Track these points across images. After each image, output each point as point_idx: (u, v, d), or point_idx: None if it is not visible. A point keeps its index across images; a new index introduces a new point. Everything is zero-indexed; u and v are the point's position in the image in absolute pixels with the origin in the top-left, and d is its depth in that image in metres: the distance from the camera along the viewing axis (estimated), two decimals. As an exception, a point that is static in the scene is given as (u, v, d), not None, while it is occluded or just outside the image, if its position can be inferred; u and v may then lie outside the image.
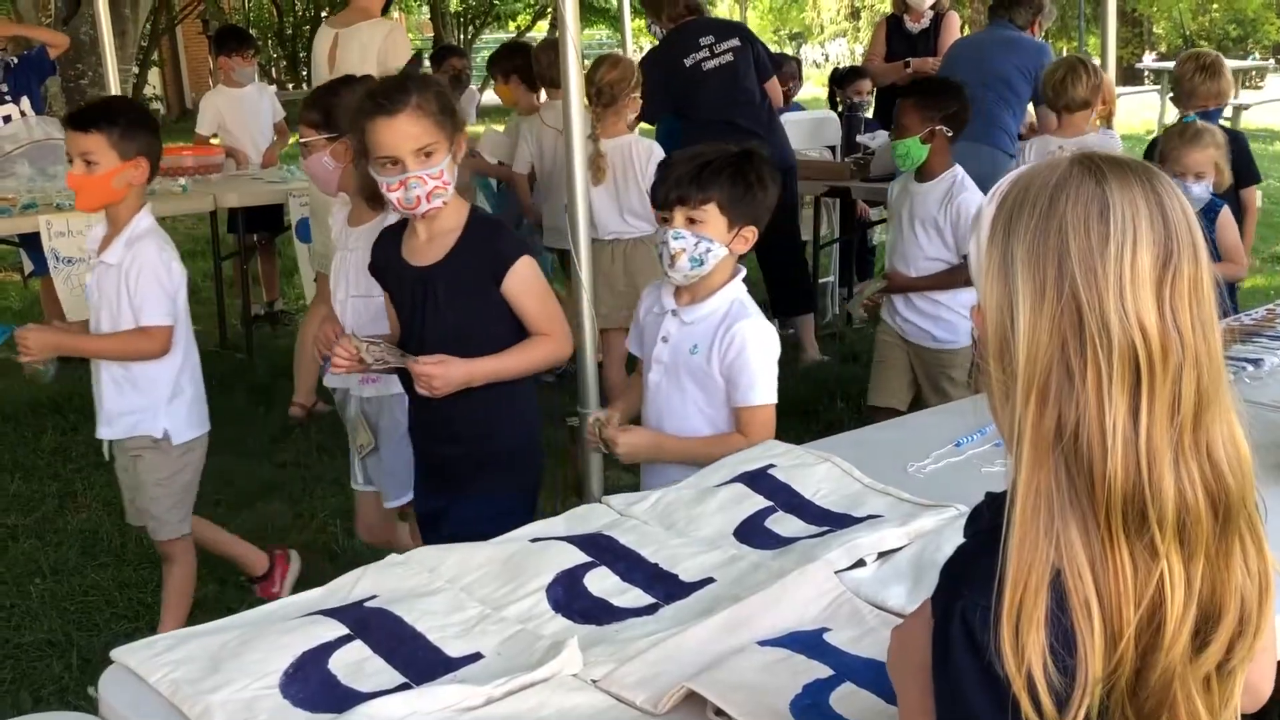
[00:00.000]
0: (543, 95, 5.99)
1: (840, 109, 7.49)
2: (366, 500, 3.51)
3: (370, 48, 4.94)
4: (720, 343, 2.60)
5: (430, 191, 2.58)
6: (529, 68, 6.15)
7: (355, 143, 2.86)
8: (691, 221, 2.56)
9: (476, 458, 2.78)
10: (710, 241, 2.56)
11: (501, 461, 2.80)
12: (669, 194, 2.59)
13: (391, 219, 3.06)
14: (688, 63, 5.93)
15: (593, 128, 4.91)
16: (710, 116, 5.93)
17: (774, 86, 6.09)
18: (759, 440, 2.52)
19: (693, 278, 2.61)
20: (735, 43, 5.90)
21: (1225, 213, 4.25)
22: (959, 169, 4.12)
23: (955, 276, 4.10)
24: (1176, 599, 1.09)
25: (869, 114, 7.40)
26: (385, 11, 5.39)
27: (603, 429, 2.67)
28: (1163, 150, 4.15)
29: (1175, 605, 1.09)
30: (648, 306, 2.83)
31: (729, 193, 2.56)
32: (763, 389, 2.60)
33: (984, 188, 3.89)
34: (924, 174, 4.12)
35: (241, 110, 7.09)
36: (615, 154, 4.98)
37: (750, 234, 2.62)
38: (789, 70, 7.39)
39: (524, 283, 2.68)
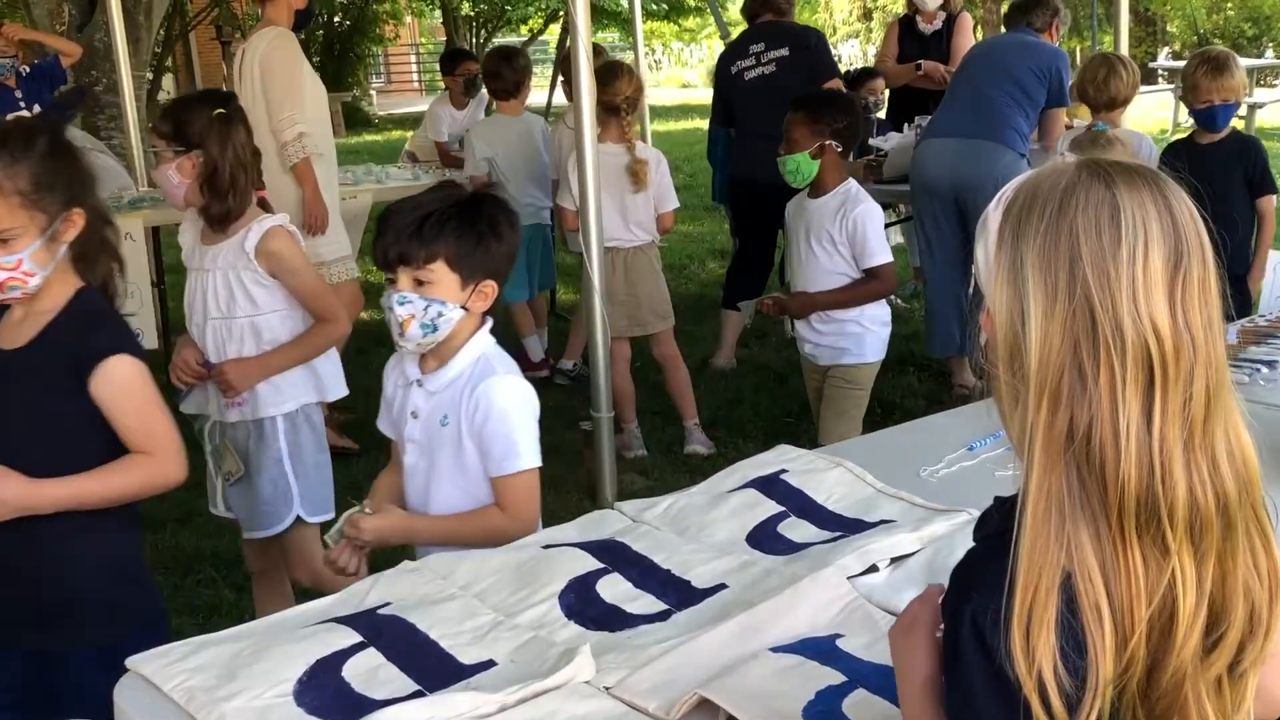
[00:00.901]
0: (560, 98, 6.04)
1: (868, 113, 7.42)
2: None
3: (254, 57, 4.89)
4: (467, 408, 2.29)
5: (2, 283, 2.15)
6: (491, 74, 6.21)
7: (203, 159, 2.87)
8: (419, 283, 2.23)
9: (37, 606, 2.27)
10: (441, 304, 2.23)
11: (73, 614, 2.28)
12: (388, 252, 2.24)
13: (236, 243, 2.97)
14: (733, 70, 5.92)
15: (626, 138, 4.97)
16: (750, 128, 5.94)
17: (838, 88, 5.95)
18: (521, 516, 2.26)
19: (427, 345, 2.28)
20: (783, 52, 5.82)
21: None
22: (852, 182, 4.04)
23: (858, 290, 3.99)
24: (1188, 599, 1.09)
25: (881, 114, 7.38)
26: (301, 27, 5.25)
27: (348, 522, 2.35)
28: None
29: (1187, 605, 1.09)
30: (394, 380, 2.45)
31: (457, 246, 2.23)
32: (517, 454, 2.27)
33: (995, 187, 3.80)
34: (817, 189, 4.03)
35: None
36: (623, 160, 4.97)
37: (490, 289, 2.30)
38: None
39: (115, 386, 2.20)
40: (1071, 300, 1.10)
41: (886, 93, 7.44)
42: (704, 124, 8.07)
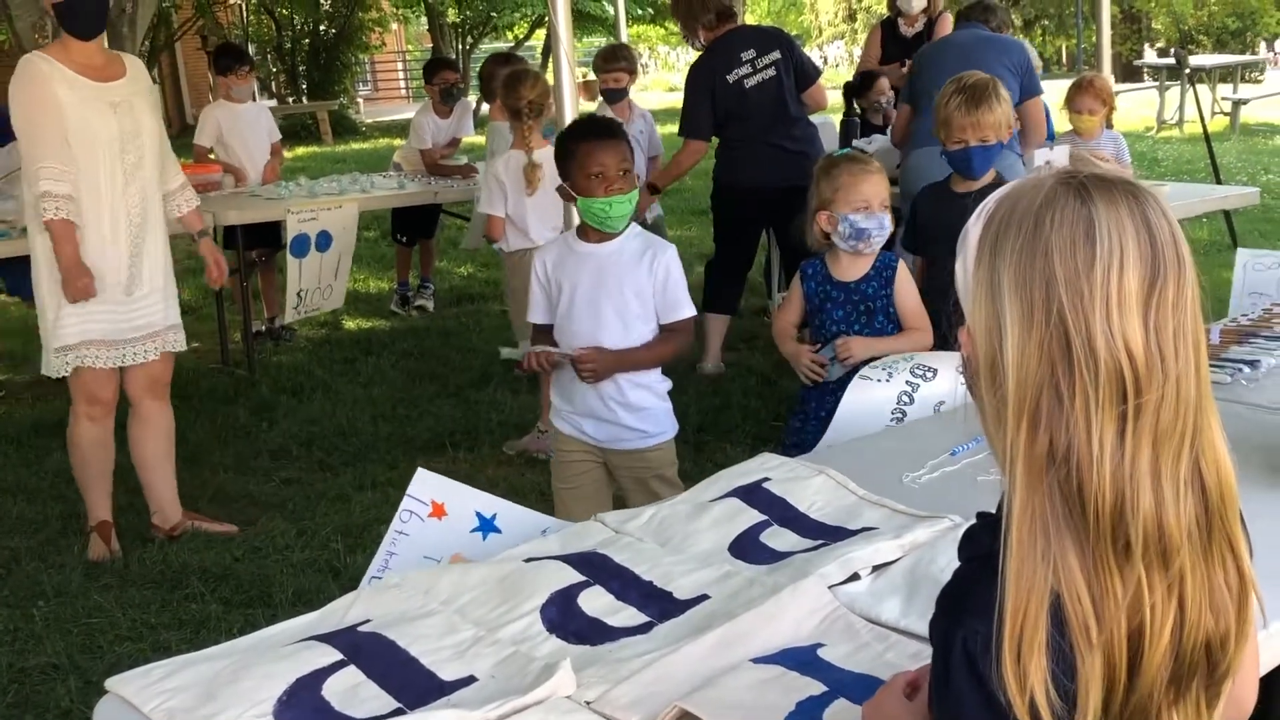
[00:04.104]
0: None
1: (860, 116, 7.31)
2: None
3: None
4: None
5: None
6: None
7: None
8: None
9: None
10: None
11: None
12: None
13: None
14: (730, 79, 5.87)
15: (526, 141, 5.11)
16: (754, 136, 5.92)
17: (817, 92, 5.98)
18: None
19: None
20: (776, 55, 5.81)
21: (903, 268, 3.46)
22: (634, 224, 3.31)
23: (667, 346, 3.25)
24: (1156, 618, 1.09)
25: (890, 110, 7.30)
26: (83, 30, 4.06)
27: None
28: (826, 186, 3.41)
29: (1154, 625, 1.09)
30: None
31: None
32: None
33: (989, 188, 3.74)
34: (601, 234, 3.24)
35: (240, 125, 7.15)
36: (546, 164, 5.01)
37: None
38: None
39: None
40: (1047, 321, 1.09)
41: (891, 92, 7.32)
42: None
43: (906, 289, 3.44)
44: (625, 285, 3.21)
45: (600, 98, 6.92)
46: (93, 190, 4.04)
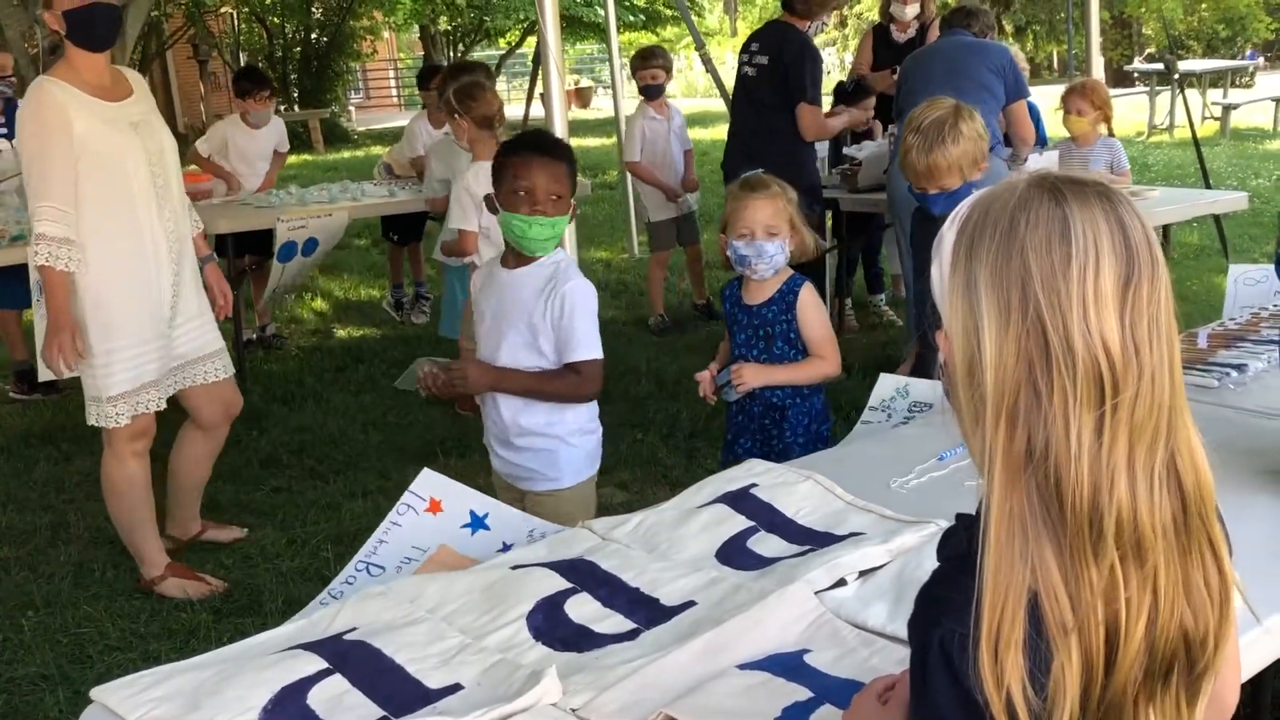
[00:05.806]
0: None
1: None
2: None
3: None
4: None
5: None
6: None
7: None
8: None
9: None
10: None
11: None
12: None
13: None
14: (739, 62, 6.12)
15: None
16: (732, 126, 6.26)
17: (803, 113, 5.75)
18: None
19: None
20: (764, 60, 5.88)
21: (808, 293, 3.26)
22: (561, 251, 3.07)
23: (562, 382, 2.98)
24: (1132, 615, 1.09)
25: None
26: (94, 43, 3.75)
27: None
28: (726, 211, 3.29)
29: (1129, 621, 1.09)
30: None
31: None
32: None
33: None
34: (522, 258, 3.03)
35: (252, 145, 7.18)
36: None
37: None
38: None
39: None
40: (1024, 319, 1.10)
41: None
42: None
43: (811, 315, 3.25)
44: (523, 315, 3.00)
45: (643, 95, 7.29)
46: (131, 222, 3.75)
